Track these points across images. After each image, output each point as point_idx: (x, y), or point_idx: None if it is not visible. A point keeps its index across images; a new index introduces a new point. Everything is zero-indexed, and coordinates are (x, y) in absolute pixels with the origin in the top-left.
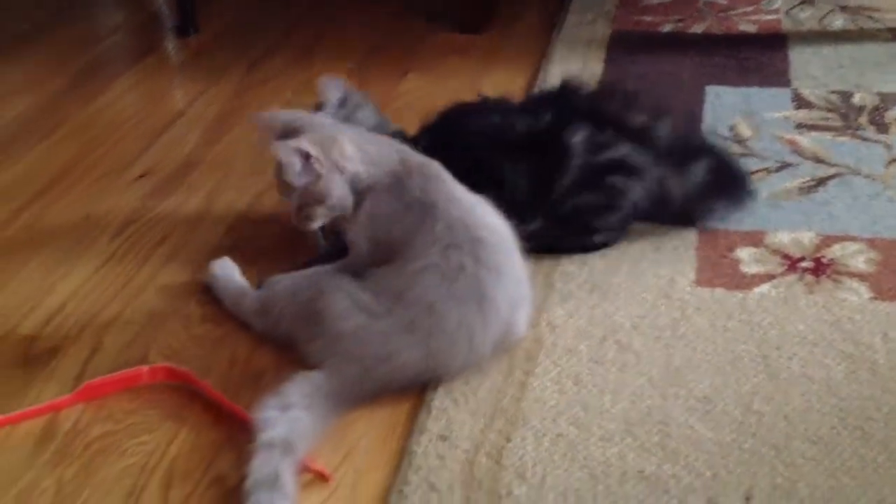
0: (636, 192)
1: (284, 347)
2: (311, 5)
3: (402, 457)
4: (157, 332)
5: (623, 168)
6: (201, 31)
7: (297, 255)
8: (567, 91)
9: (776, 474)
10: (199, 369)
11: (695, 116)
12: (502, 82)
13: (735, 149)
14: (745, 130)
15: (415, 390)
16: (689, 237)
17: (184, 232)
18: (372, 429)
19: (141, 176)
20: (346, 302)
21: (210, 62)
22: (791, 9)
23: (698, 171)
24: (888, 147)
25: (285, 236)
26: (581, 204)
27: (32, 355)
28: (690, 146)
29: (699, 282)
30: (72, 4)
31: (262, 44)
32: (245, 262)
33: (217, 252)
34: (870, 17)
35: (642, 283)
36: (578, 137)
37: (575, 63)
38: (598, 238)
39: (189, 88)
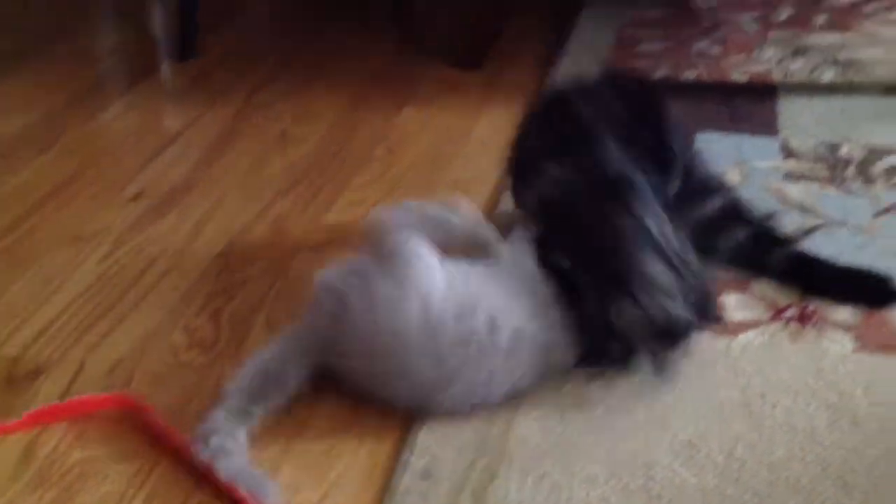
0: None
1: None
2: (310, 35)
3: (384, 494)
4: (143, 357)
5: None
6: (201, 55)
7: (283, 283)
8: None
9: None
10: (183, 396)
11: None
12: (498, 119)
13: None
14: (735, 177)
15: (398, 426)
16: None
17: (174, 256)
18: (355, 465)
19: (134, 197)
20: None
21: (208, 87)
22: (782, 60)
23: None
24: (874, 200)
25: (276, 265)
26: None
27: (15, 376)
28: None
29: None
30: (72, 24)
31: (261, 71)
32: (234, 285)
33: (207, 278)
34: (859, 71)
35: None
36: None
37: None
38: None
39: (186, 112)
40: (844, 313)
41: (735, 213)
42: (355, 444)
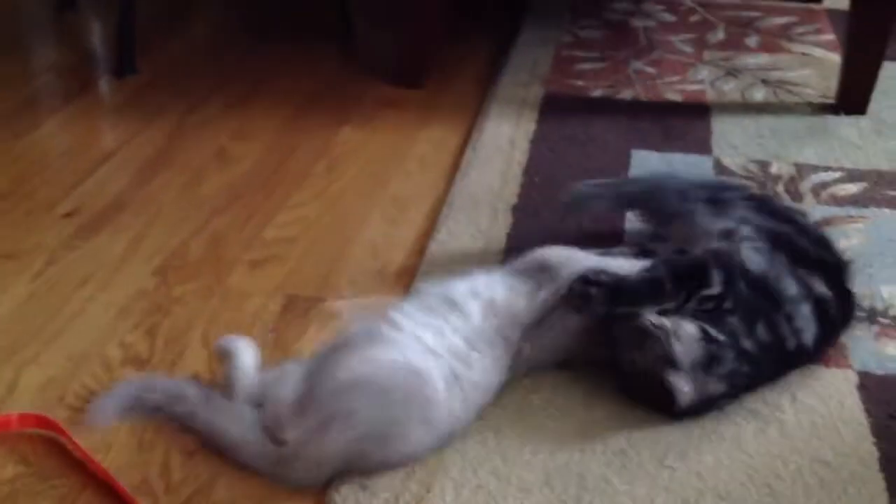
0: None
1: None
2: (249, 53)
3: None
4: (76, 373)
5: None
6: (139, 72)
7: (219, 300)
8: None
9: None
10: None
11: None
12: (438, 137)
13: None
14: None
15: None
16: None
17: (108, 273)
18: None
19: (68, 214)
20: None
21: (145, 104)
22: (715, 80)
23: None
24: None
25: (212, 282)
26: None
27: None
28: None
29: None
30: (7, 41)
31: (199, 88)
32: (170, 302)
33: (142, 295)
34: (789, 91)
35: None
36: None
37: (509, 122)
38: None
39: (123, 129)
40: None
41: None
42: None
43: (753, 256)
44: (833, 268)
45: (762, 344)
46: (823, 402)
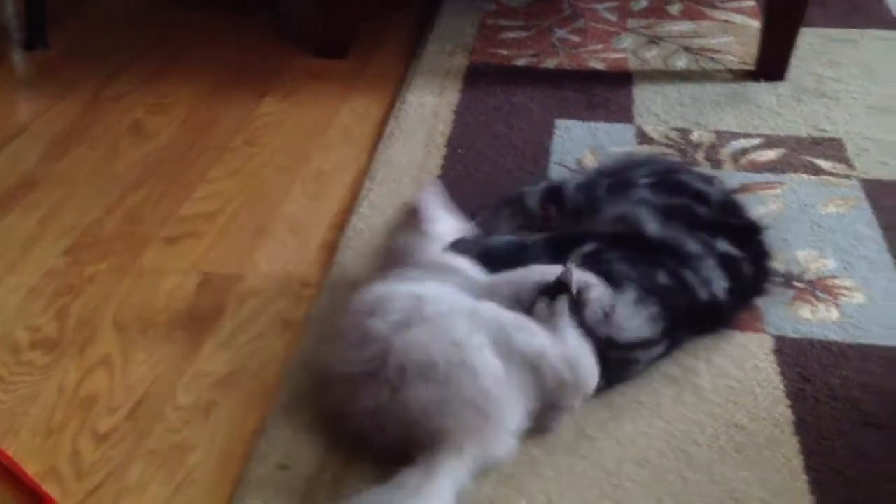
0: None
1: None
2: (168, 24)
3: (238, 487)
4: None
5: None
6: (51, 46)
7: (134, 279)
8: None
9: (605, 497)
10: (26, 397)
11: (544, 148)
12: (361, 109)
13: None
14: (592, 163)
15: (255, 418)
16: None
17: (18, 252)
18: (209, 457)
19: None
20: None
21: (57, 78)
22: (638, 48)
23: None
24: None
25: (126, 261)
26: None
27: None
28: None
29: None
30: None
31: (114, 61)
32: (82, 282)
33: (53, 275)
34: (711, 58)
35: None
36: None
37: (433, 93)
38: None
39: (34, 103)
40: None
41: None
42: (208, 437)
43: (648, 223)
44: (741, 230)
45: (665, 287)
46: (739, 366)
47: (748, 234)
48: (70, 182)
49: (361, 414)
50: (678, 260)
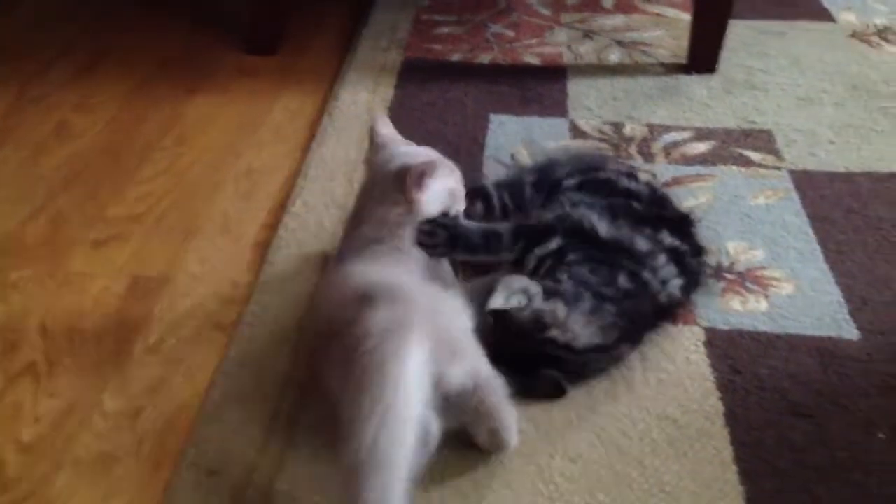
0: None
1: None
2: (93, 20)
3: (167, 495)
4: None
5: None
6: None
7: (60, 284)
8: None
9: (536, 493)
10: None
11: (478, 143)
12: (294, 106)
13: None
14: (525, 158)
15: (182, 423)
16: None
17: None
18: (137, 466)
19: None
20: None
21: None
22: (572, 42)
23: None
24: (654, 175)
25: (52, 266)
26: None
27: None
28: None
29: None
30: None
31: (37, 59)
32: (5, 289)
33: None
34: (644, 52)
35: None
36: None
37: (366, 89)
38: None
39: None
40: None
41: None
42: (136, 443)
43: (600, 224)
44: (676, 221)
45: (626, 290)
46: (670, 359)
47: (684, 226)
48: None
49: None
50: (634, 260)
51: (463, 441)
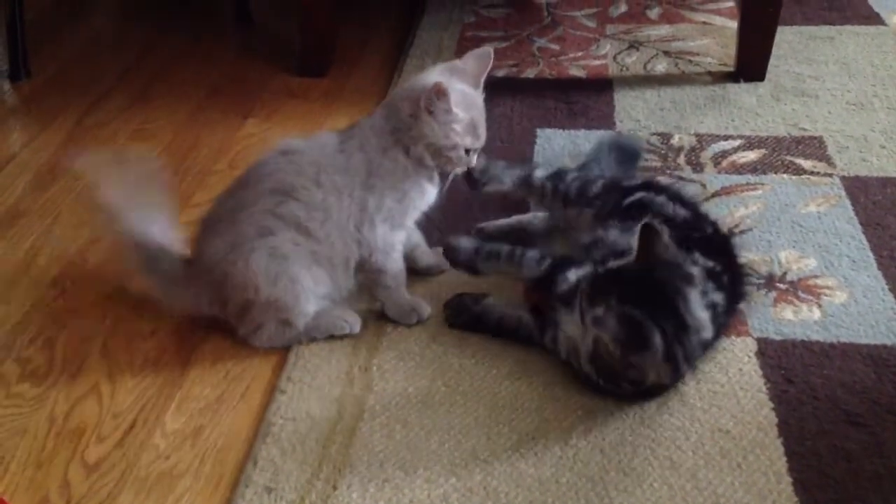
0: None
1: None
2: (146, 49)
3: None
4: None
5: None
6: (33, 75)
7: (120, 310)
8: None
9: None
10: (15, 430)
11: (526, 158)
12: (343, 125)
13: None
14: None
15: (242, 440)
16: None
17: (5, 285)
18: (197, 483)
19: None
20: None
21: (41, 108)
22: (618, 54)
23: None
24: (703, 185)
25: (113, 292)
26: None
27: None
28: None
29: None
30: None
31: (95, 89)
32: (69, 314)
33: (39, 305)
34: (690, 62)
35: None
36: None
37: None
38: None
39: (19, 134)
40: None
41: None
42: (197, 461)
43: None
44: (712, 242)
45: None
46: (723, 370)
47: (723, 246)
48: (55, 214)
49: None
50: (686, 281)
51: (516, 454)
